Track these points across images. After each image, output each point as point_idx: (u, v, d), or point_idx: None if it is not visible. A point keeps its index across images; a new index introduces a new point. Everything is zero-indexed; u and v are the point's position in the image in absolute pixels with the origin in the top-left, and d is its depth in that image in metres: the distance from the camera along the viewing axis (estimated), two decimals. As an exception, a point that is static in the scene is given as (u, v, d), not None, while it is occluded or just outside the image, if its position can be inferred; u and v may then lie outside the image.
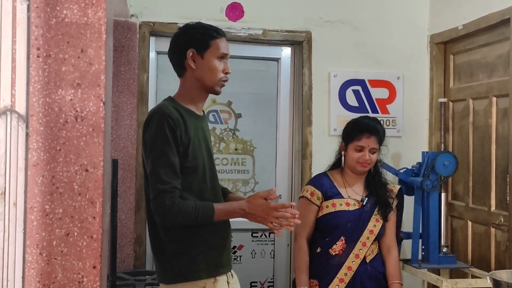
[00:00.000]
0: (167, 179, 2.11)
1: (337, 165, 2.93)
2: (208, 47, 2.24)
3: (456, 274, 3.68)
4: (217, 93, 2.32)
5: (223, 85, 2.30)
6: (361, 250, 2.77)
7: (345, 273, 2.75)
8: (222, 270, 2.26)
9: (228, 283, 2.28)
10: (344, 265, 2.75)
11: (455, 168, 3.51)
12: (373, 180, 2.88)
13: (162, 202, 2.10)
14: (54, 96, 1.58)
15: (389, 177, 3.35)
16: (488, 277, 2.33)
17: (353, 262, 2.76)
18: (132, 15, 3.83)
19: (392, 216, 2.91)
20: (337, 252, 2.77)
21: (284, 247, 4.20)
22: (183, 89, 2.32)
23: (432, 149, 4.07)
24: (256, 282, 4.19)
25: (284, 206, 2.13)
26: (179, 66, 2.31)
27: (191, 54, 2.25)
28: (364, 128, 2.82)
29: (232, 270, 2.35)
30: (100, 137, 1.60)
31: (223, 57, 2.28)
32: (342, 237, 2.78)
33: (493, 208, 3.53)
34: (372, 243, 2.81)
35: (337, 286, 2.74)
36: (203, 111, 2.40)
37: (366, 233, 2.79)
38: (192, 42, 2.25)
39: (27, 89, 1.56)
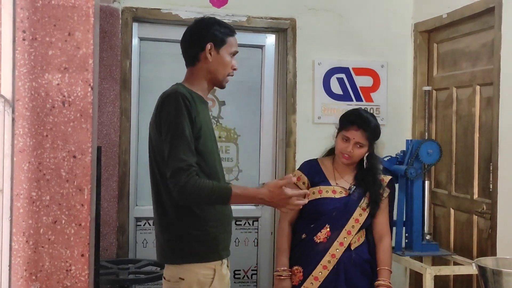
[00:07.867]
0: (184, 157, 2.22)
1: (331, 152, 2.91)
2: (224, 44, 2.41)
3: (439, 261, 3.70)
4: (222, 87, 2.48)
5: (227, 80, 2.46)
6: (345, 238, 2.76)
7: (329, 260, 2.74)
8: (226, 253, 2.39)
9: (227, 266, 2.41)
10: (328, 252, 2.74)
11: (439, 157, 3.52)
12: (366, 176, 2.83)
13: (179, 179, 2.19)
14: (40, 81, 1.54)
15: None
16: (473, 264, 2.35)
17: (337, 250, 2.75)
18: (114, 1, 3.77)
19: (383, 205, 2.88)
20: (321, 240, 2.76)
21: (268, 235, 4.19)
22: (192, 77, 2.44)
23: (415, 137, 4.08)
24: (240, 270, 4.18)
25: (300, 195, 2.26)
26: (193, 56, 2.42)
27: (209, 47, 2.38)
28: (354, 120, 2.79)
29: None
30: (88, 122, 1.57)
31: (234, 54, 2.45)
32: (327, 225, 2.77)
33: (475, 196, 3.56)
34: (358, 232, 2.80)
35: (320, 273, 2.74)
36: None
37: (351, 221, 2.78)
38: (212, 37, 2.39)
39: (13, 73, 1.51)
